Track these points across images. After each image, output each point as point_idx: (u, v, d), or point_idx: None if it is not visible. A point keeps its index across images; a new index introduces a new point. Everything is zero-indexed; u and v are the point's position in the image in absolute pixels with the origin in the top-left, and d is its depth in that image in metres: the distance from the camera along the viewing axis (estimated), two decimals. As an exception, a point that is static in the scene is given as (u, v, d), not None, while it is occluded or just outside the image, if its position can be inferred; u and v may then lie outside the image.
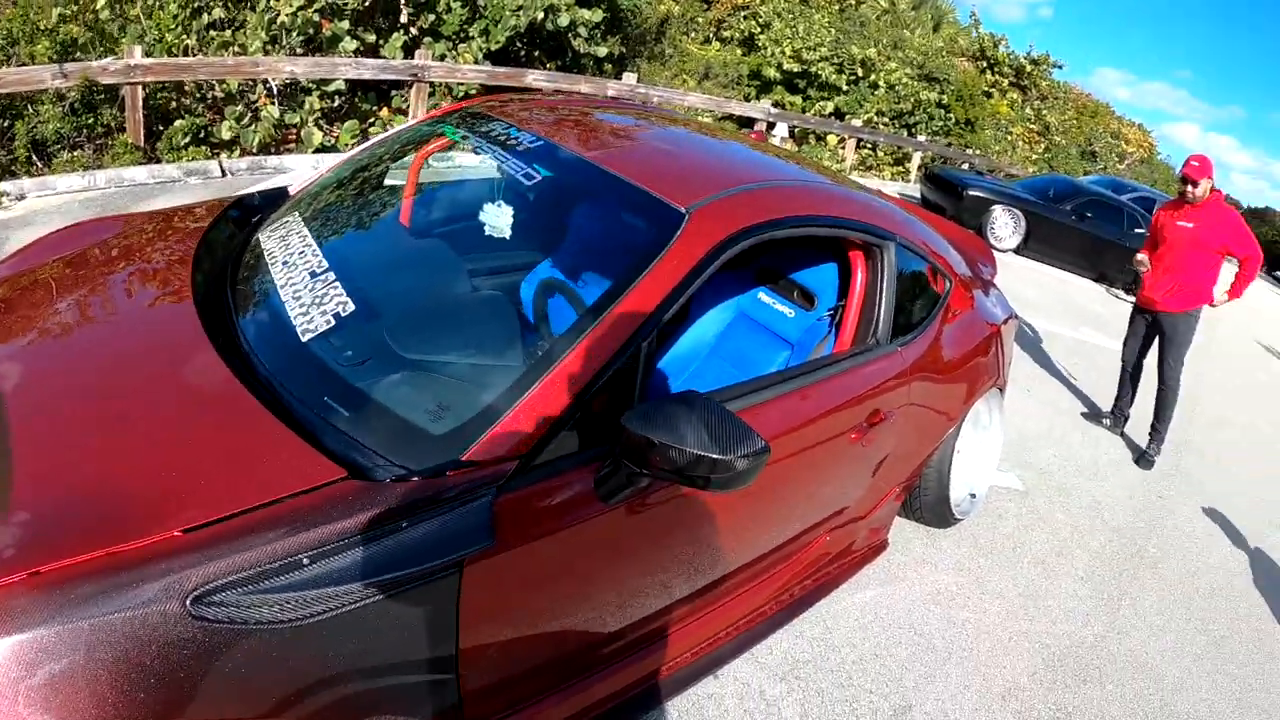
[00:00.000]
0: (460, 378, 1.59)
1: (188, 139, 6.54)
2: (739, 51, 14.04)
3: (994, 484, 3.72)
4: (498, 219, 1.98)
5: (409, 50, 7.76)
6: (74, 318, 1.74)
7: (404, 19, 7.82)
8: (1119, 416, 5.14)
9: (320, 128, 7.03)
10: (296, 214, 2.10)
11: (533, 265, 2.40)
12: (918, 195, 11.77)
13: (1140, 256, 4.60)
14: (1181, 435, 5.70)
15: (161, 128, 6.42)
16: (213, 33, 7.14)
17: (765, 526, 2.15)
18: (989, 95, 17.36)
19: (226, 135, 6.70)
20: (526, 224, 2.10)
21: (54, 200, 5.17)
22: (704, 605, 2.04)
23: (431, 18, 7.81)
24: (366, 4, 7.51)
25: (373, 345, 1.63)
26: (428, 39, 7.94)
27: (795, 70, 13.58)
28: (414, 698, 1.34)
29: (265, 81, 6.84)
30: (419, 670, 1.31)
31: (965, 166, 15.06)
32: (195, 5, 7.13)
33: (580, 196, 2.13)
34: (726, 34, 14.37)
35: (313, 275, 1.72)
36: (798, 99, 14.11)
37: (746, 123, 11.86)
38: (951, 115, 15.75)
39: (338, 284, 1.68)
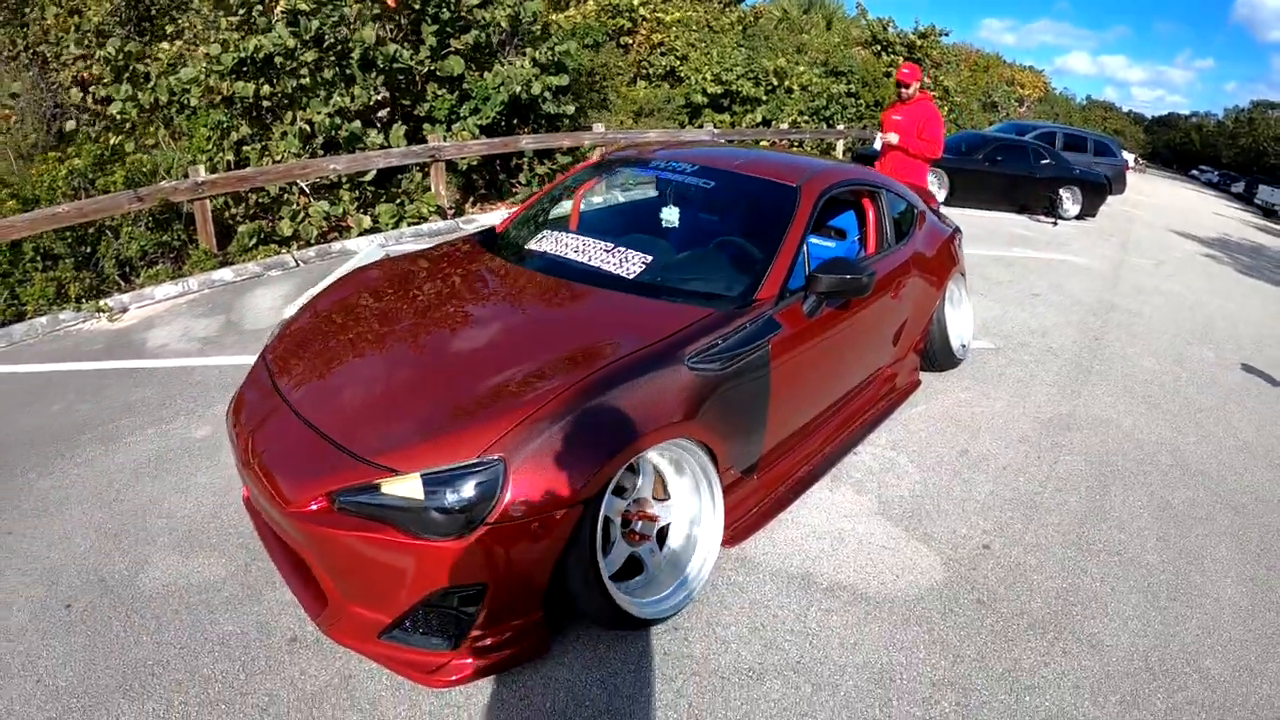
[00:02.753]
0: (732, 271, 3.10)
1: (254, 240, 7.81)
2: (665, 86, 15.88)
3: (975, 346, 5.32)
4: (673, 215, 3.59)
5: (410, 138, 9.25)
6: (451, 304, 2.97)
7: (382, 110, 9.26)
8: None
9: (364, 214, 8.45)
10: (548, 230, 3.45)
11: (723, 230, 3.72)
12: None
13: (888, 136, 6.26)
14: (1109, 300, 7.45)
15: (219, 236, 7.51)
16: (245, 149, 8.51)
17: (866, 356, 3.68)
18: (889, 75, 19.54)
19: (287, 232, 8.00)
20: (711, 205, 3.70)
21: (158, 308, 5.80)
22: (843, 405, 3.54)
23: (427, 106, 9.35)
24: (371, 103, 9.02)
25: (676, 268, 3.12)
26: (425, 125, 9.47)
27: (718, 92, 15.48)
28: (745, 431, 2.76)
29: (294, 183, 8.19)
30: (754, 411, 2.75)
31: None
32: (224, 127, 8.44)
33: (737, 189, 3.59)
34: (648, 71, 16.21)
35: (607, 251, 3.11)
36: (726, 116, 15.98)
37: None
38: (861, 100, 17.85)
39: (627, 250, 3.10)
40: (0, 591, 2.66)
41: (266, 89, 8.10)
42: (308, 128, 8.49)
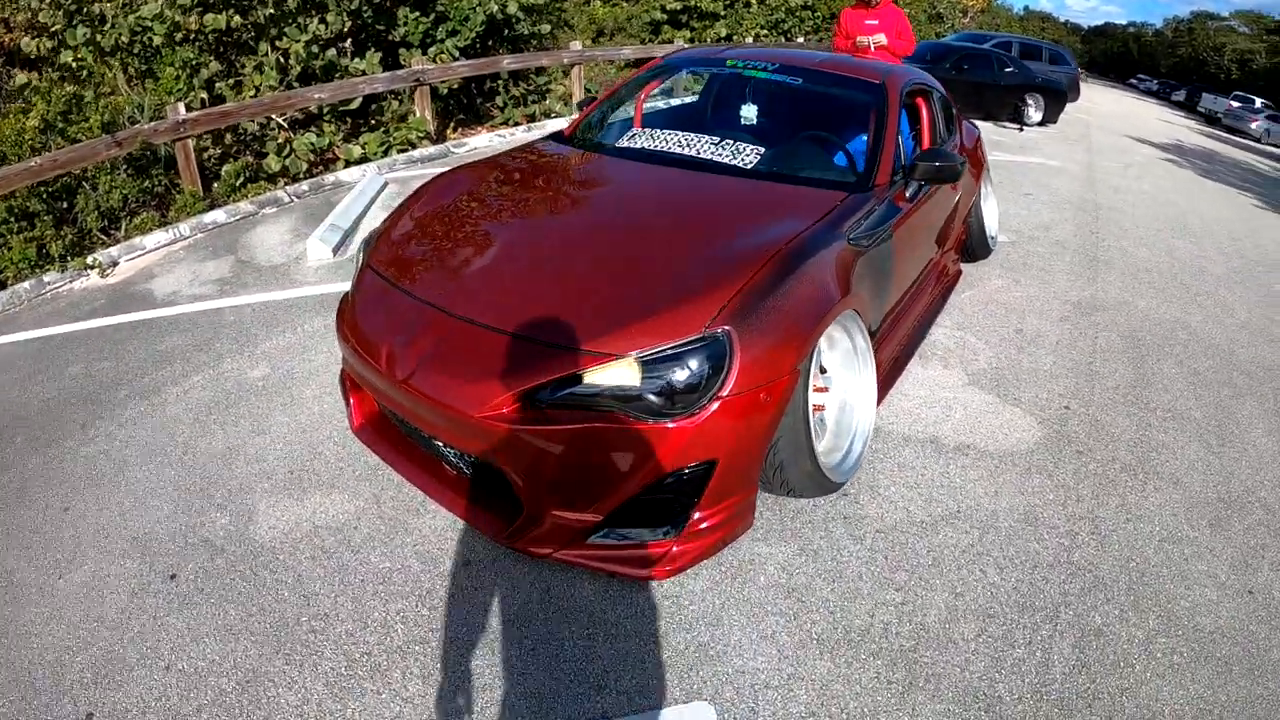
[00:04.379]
0: (844, 159, 3.33)
1: (240, 179, 7.60)
2: (624, 4, 15.63)
3: (999, 238, 5.71)
4: (751, 111, 3.74)
5: (387, 65, 9.04)
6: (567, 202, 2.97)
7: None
8: None
9: (350, 144, 8.31)
10: (639, 130, 3.56)
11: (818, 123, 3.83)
12: None
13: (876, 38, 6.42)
14: (1093, 199, 7.94)
15: (202, 179, 7.18)
16: (217, 86, 8.21)
17: (933, 241, 4.00)
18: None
19: (275, 168, 7.81)
20: (799, 100, 3.85)
21: (153, 257, 5.36)
22: (919, 288, 3.85)
23: (402, 31, 9.12)
24: (345, 30, 8.75)
25: (786, 158, 3.26)
26: (401, 50, 9.25)
27: (677, 8, 15.31)
28: (875, 306, 3.01)
29: (271, 119, 7.96)
30: (883, 286, 3.01)
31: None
32: (193, 65, 8.09)
33: (825, 85, 3.68)
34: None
35: (715, 144, 3.24)
36: (685, 33, 15.84)
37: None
38: (818, 13, 17.86)
39: (736, 143, 3.27)
40: (82, 575, 2.36)
41: (238, 20, 7.79)
42: (283, 59, 8.22)
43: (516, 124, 10.20)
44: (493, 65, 9.37)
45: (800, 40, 17.42)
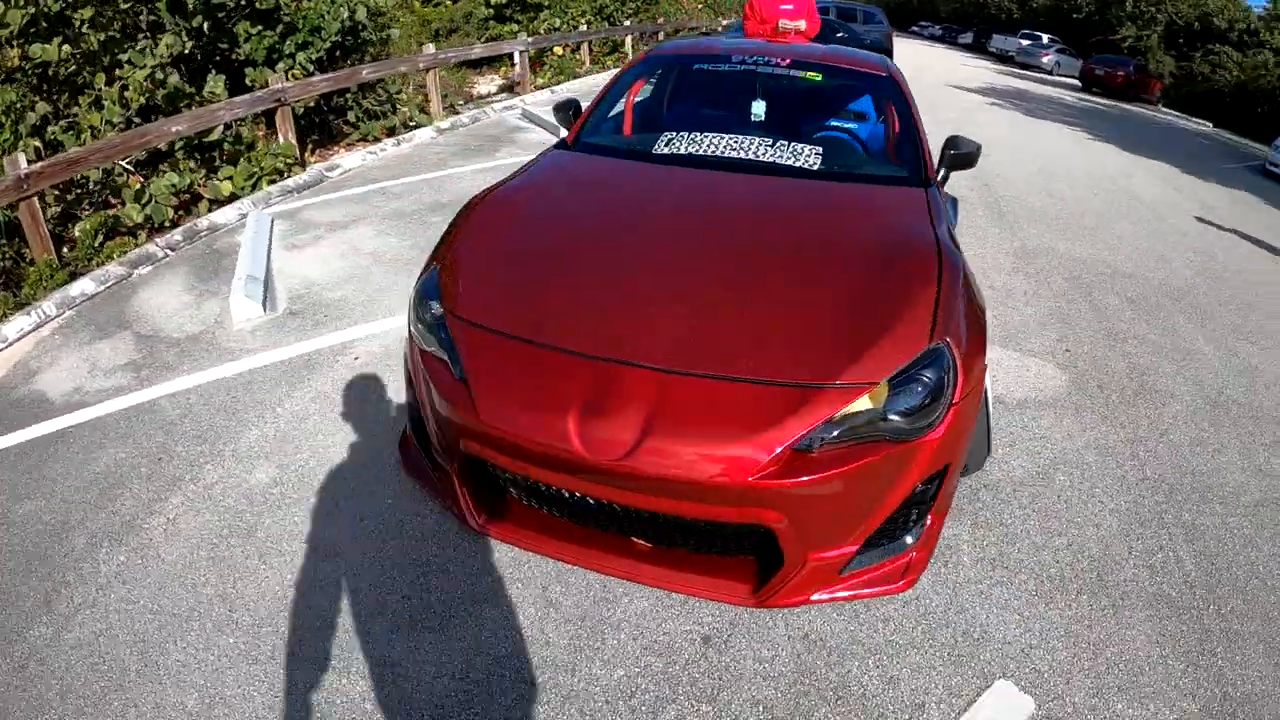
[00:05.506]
0: (889, 155, 3.51)
1: (99, 237, 6.82)
2: (447, 2, 15.37)
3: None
4: (760, 108, 3.88)
5: (233, 89, 8.47)
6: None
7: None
8: None
9: (212, 180, 7.71)
10: (674, 135, 3.34)
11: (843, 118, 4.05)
12: None
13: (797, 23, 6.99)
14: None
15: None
16: (49, 130, 7.38)
17: None
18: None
19: (138, 218, 7.03)
20: (816, 96, 4.02)
21: (20, 349, 4.08)
22: None
23: (246, 49, 8.55)
24: (187, 51, 8.08)
25: (838, 156, 3.33)
26: (247, 69, 8.66)
27: (503, 2, 15.29)
28: None
29: (116, 163, 7.16)
30: None
31: (663, 35, 17.81)
32: (18, 107, 7.23)
33: (840, 80, 3.87)
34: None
35: (770, 146, 3.20)
36: (513, 26, 15.81)
37: (495, 59, 13.43)
38: (636, -5, 18.39)
39: (795, 144, 3.24)
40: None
41: (67, 49, 7.01)
42: (121, 92, 7.49)
43: (377, 139, 9.82)
44: (352, 77, 9.00)
45: (627, 23, 17.87)
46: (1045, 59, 28.94)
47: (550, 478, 2.07)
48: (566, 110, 3.77)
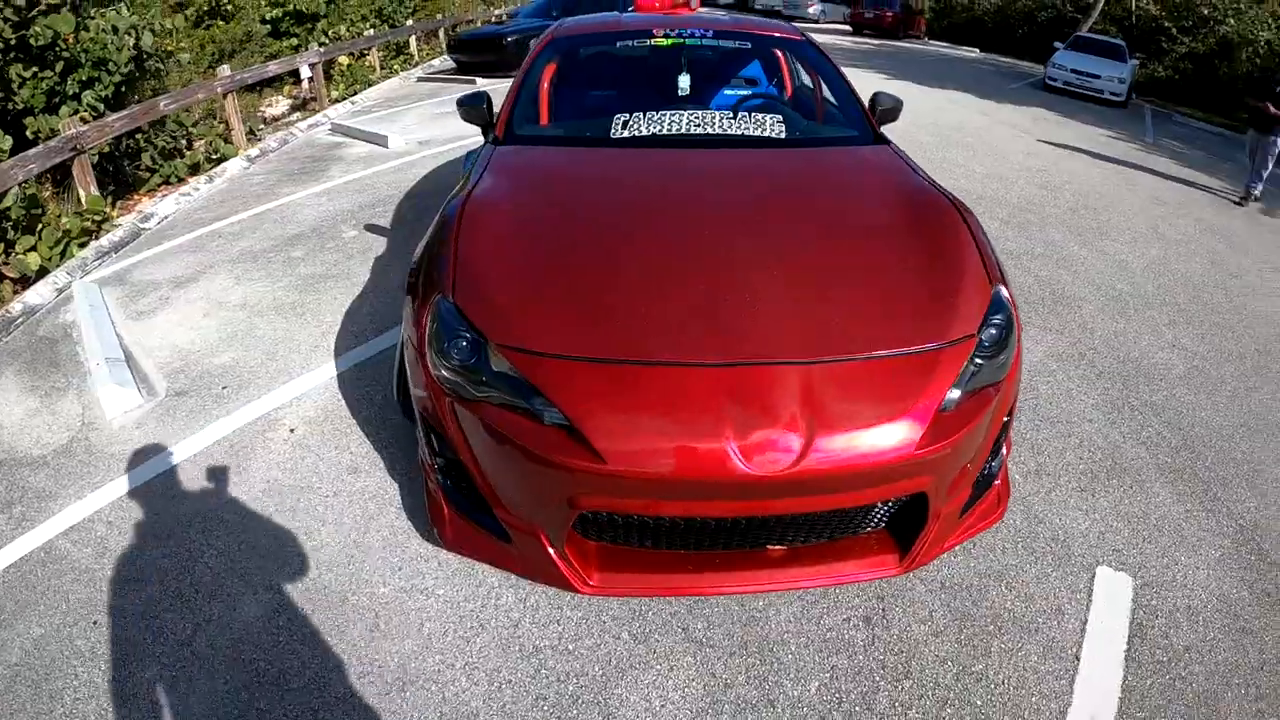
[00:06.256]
0: (839, 114, 3.52)
1: None
2: (220, 24, 14.23)
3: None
4: (686, 81, 3.80)
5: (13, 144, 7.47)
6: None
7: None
8: None
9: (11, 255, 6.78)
10: (629, 116, 3.17)
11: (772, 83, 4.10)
12: (449, 67, 13.88)
13: None
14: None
15: None
16: None
17: None
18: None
19: None
20: (736, 63, 4.09)
21: None
22: None
23: (25, 95, 7.54)
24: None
25: (792, 120, 3.35)
26: (27, 119, 7.64)
27: (278, 15, 14.36)
28: None
29: None
30: None
31: (443, 32, 17.47)
32: None
33: (762, 46, 3.96)
34: (189, 13, 14.28)
35: (732, 118, 3.16)
36: (291, 41, 14.89)
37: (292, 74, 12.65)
38: (415, -7, 17.85)
39: (755, 114, 3.23)
40: None
41: None
42: None
43: (181, 179, 8.88)
44: (151, 111, 8.13)
45: (410, 23, 17.31)
46: (812, 9, 30.68)
47: (695, 509, 1.91)
48: (477, 104, 3.51)
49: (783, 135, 3.16)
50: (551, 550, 2.02)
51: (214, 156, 9.53)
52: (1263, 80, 8.64)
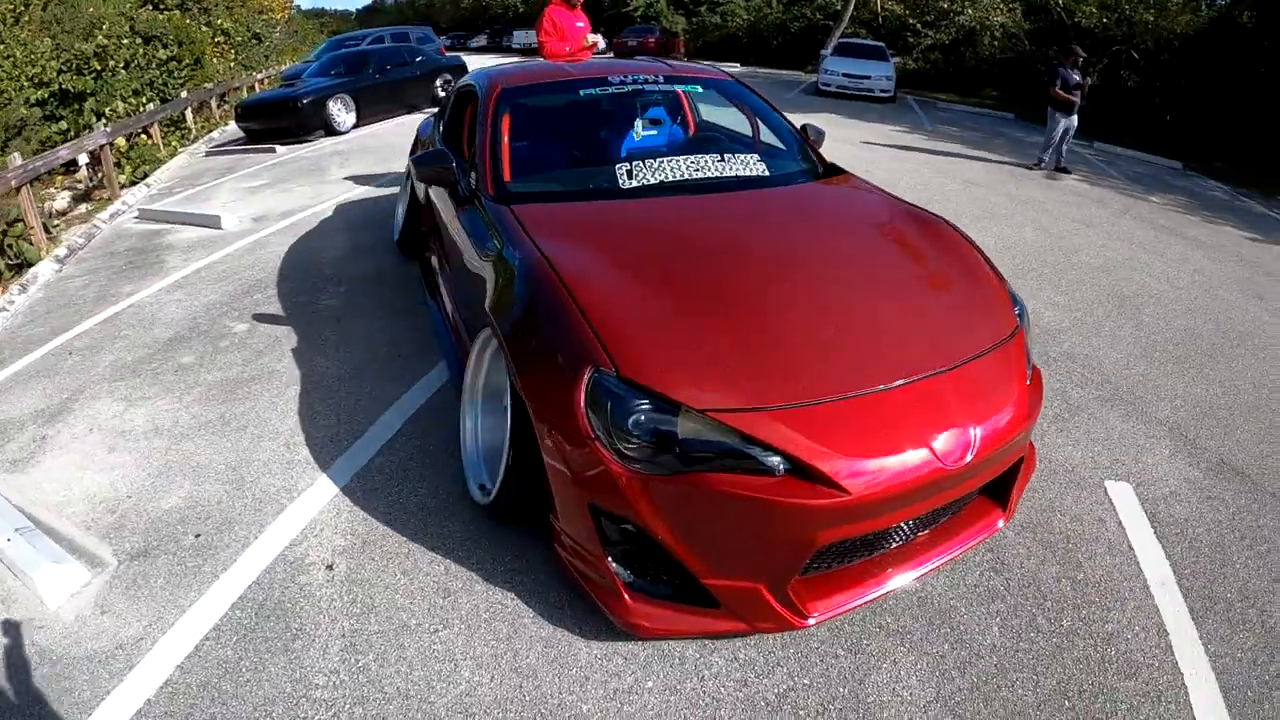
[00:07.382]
0: (794, 149, 3.86)
1: None
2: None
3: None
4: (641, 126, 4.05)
5: None
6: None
7: None
8: None
9: None
10: (634, 165, 3.30)
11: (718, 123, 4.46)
12: (237, 138, 13.32)
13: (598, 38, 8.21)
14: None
15: None
16: None
17: None
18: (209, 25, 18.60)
19: None
20: (675, 106, 4.52)
21: None
22: None
23: None
24: None
25: (768, 158, 3.57)
26: None
27: (44, 96, 13.19)
28: None
29: None
30: None
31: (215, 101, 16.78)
32: None
33: (693, 87, 4.27)
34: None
35: (720, 160, 3.38)
36: (63, 124, 13.72)
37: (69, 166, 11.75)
38: (184, 62, 16.88)
39: (735, 155, 3.46)
40: None
41: None
42: None
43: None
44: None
45: (185, 94, 16.41)
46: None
47: (908, 512, 2.18)
48: (443, 163, 3.45)
49: (766, 174, 3.45)
50: (771, 597, 2.13)
51: (14, 262, 8.55)
52: (1049, 71, 10.29)
